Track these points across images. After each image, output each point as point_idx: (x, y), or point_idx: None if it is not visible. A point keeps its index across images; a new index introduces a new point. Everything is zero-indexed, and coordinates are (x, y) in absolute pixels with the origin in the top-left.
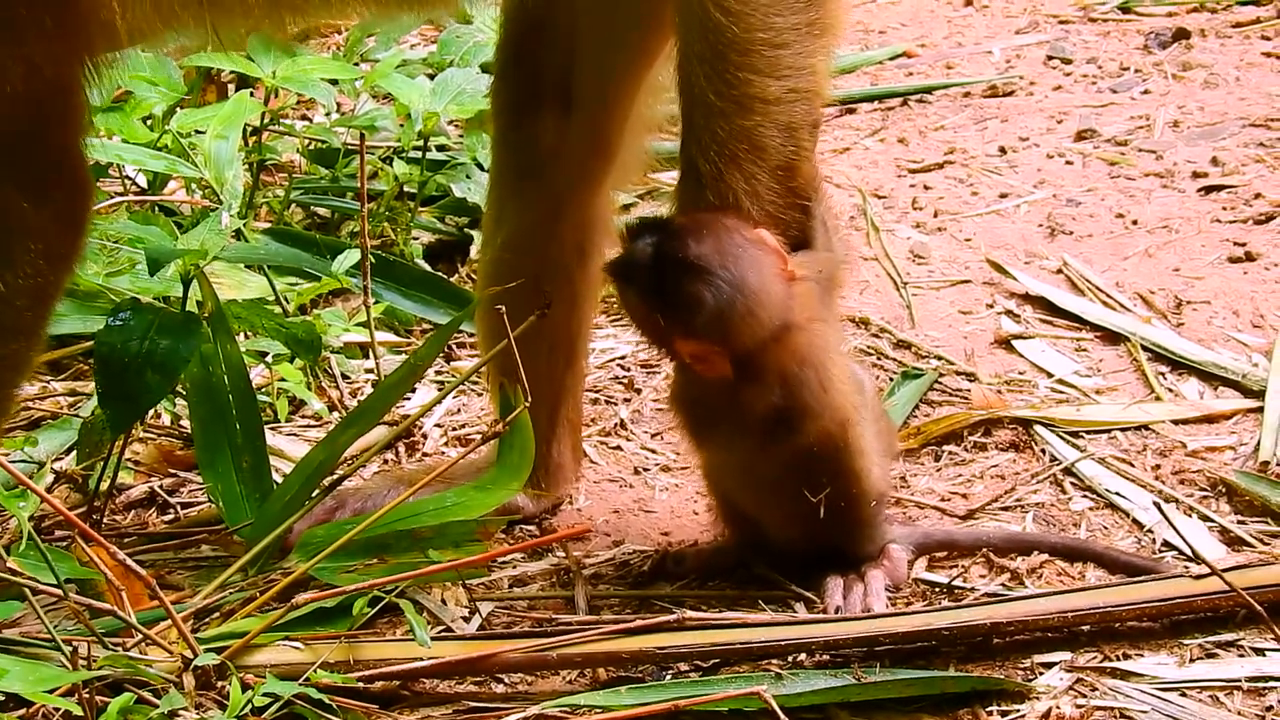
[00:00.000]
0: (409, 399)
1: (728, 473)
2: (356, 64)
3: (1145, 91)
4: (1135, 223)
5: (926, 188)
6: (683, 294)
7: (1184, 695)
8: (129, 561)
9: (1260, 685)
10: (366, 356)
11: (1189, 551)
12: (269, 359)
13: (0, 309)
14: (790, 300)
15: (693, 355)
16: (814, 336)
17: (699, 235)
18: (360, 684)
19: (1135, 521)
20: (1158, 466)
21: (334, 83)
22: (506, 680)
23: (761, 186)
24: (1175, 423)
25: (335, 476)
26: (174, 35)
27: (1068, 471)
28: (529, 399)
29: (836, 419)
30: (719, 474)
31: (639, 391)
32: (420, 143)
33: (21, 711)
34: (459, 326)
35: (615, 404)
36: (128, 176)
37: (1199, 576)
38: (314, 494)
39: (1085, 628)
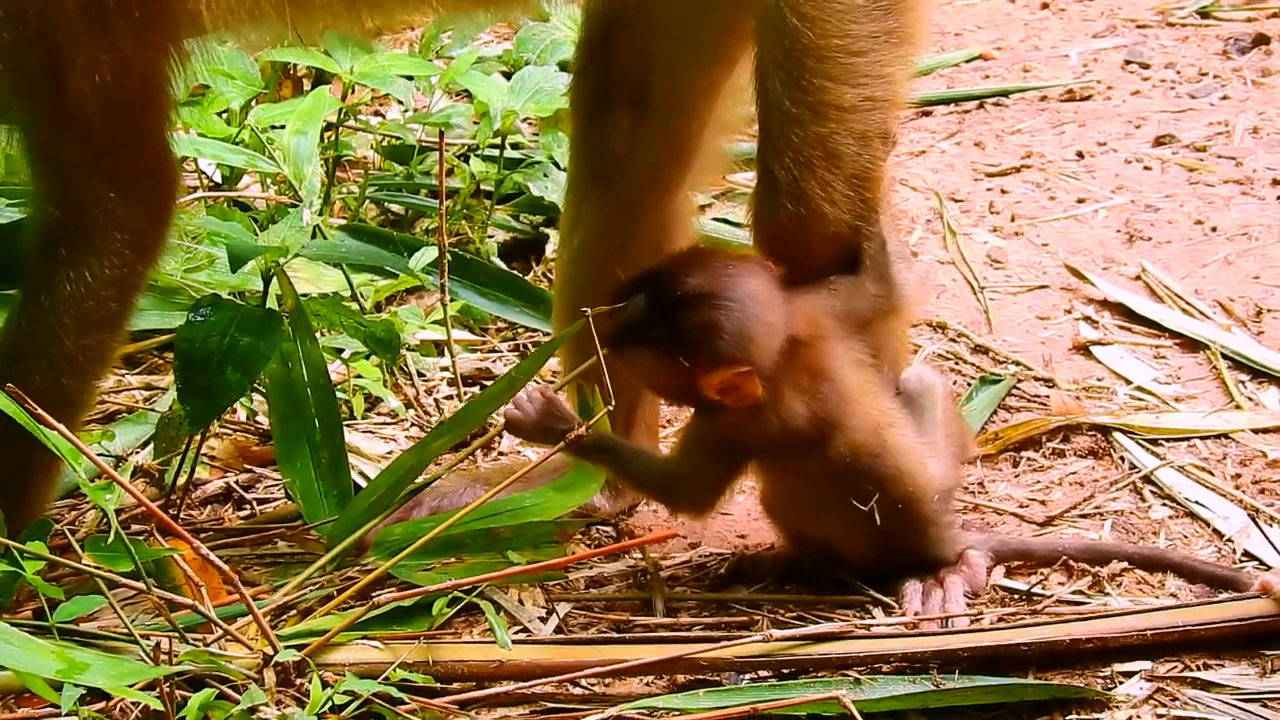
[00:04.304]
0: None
1: (787, 507)
2: (432, 60)
3: (1224, 97)
4: (1214, 229)
5: (1003, 192)
6: (696, 327)
7: (1265, 706)
8: (211, 555)
9: None
10: (442, 354)
11: (1271, 562)
12: (345, 355)
13: (86, 300)
14: (793, 311)
15: (722, 388)
16: (823, 350)
17: (685, 270)
18: (438, 684)
19: (1215, 531)
20: (1238, 475)
21: (410, 79)
22: (584, 681)
23: (838, 194)
24: (1255, 431)
25: (420, 481)
26: (256, 28)
27: (1147, 479)
28: (611, 402)
29: (867, 426)
30: (779, 511)
31: None
32: (496, 141)
33: (100, 705)
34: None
35: None
36: (202, 171)
37: None
38: (399, 498)
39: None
